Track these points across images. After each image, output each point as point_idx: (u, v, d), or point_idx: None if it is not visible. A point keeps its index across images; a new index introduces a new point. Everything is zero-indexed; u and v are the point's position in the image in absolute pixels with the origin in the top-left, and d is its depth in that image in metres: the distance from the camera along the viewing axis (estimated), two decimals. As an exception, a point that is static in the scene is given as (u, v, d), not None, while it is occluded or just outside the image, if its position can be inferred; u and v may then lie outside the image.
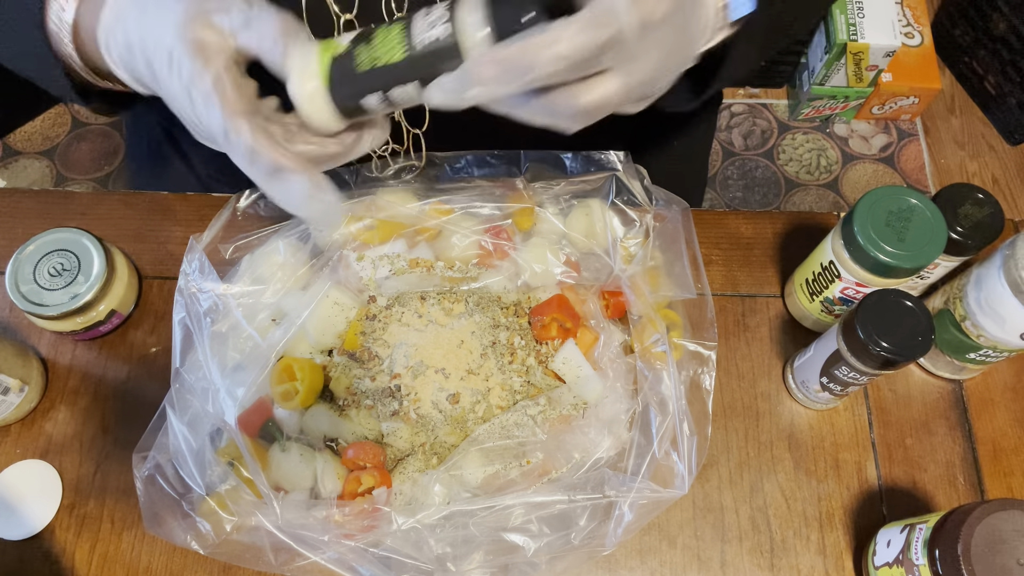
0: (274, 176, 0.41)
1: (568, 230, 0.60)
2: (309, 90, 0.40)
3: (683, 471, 0.50)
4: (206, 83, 0.39)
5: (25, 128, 1.67)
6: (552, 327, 0.57)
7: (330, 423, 0.55)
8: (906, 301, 0.51)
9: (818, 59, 1.62)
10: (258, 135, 0.40)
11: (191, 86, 0.40)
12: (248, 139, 0.40)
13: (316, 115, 0.41)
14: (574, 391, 0.56)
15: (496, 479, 0.53)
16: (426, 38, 0.38)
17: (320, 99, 0.40)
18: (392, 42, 0.38)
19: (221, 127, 0.40)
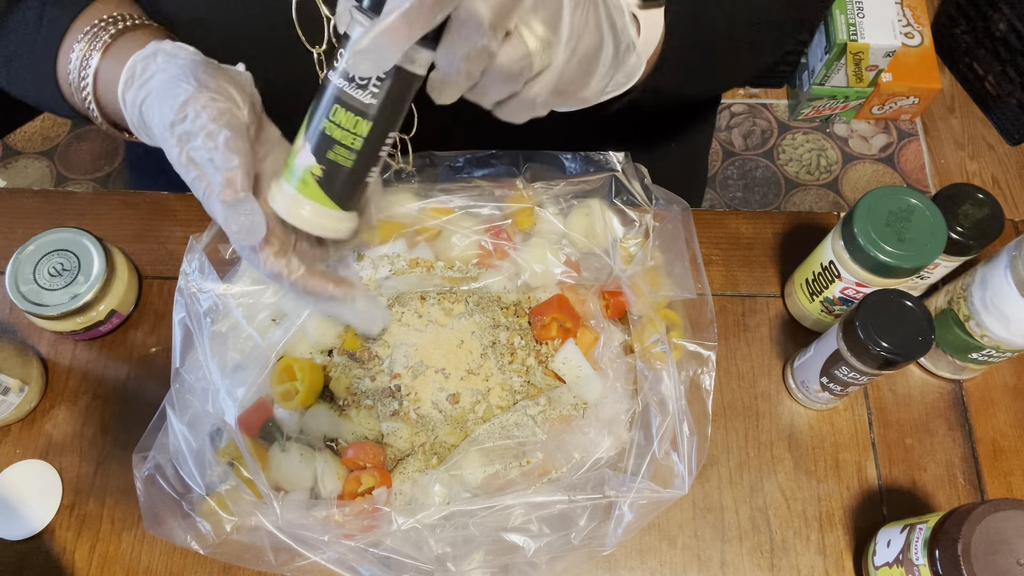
0: (323, 303, 0.47)
1: (568, 230, 0.60)
2: (320, 221, 0.42)
3: (683, 471, 0.50)
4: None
5: (25, 128, 1.67)
6: (552, 327, 0.57)
7: (330, 423, 0.55)
8: (906, 301, 0.51)
9: (818, 59, 1.62)
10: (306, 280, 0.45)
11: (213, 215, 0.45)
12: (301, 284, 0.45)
13: (341, 232, 0.44)
14: (574, 391, 0.56)
15: (496, 479, 0.53)
16: (363, 93, 0.39)
17: (333, 220, 0.43)
18: (349, 122, 0.40)
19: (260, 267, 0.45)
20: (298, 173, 0.41)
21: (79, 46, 0.49)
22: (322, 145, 0.40)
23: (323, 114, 0.40)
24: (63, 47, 0.50)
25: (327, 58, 0.54)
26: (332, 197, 0.42)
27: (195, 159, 0.42)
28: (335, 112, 0.39)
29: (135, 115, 0.45)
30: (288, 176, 0.42)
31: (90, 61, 0.49)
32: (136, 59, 0.46)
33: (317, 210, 0.42)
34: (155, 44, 0.46)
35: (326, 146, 0.40)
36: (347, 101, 0.39)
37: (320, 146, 0.40)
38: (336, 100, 0.39)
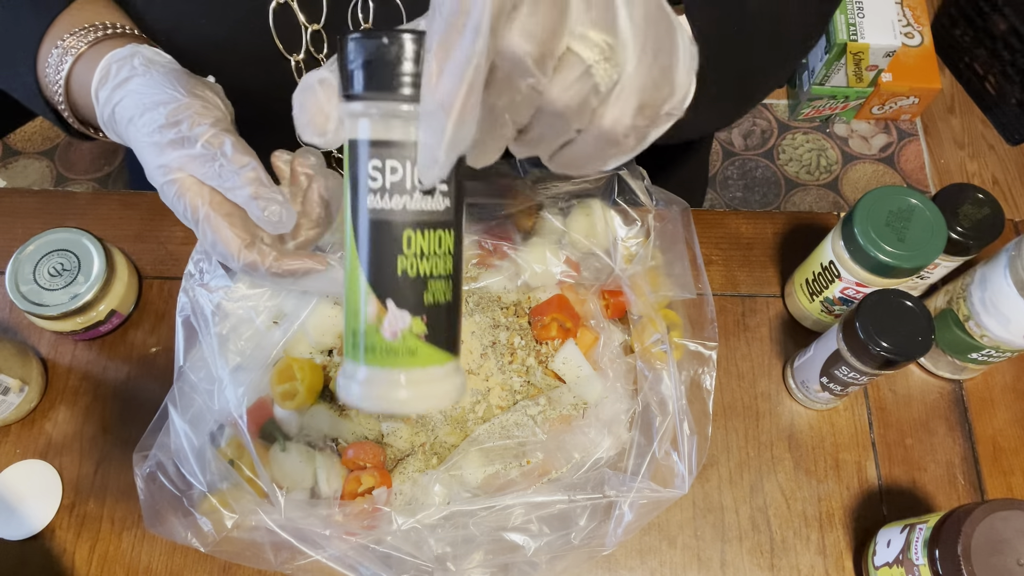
0: (302, 277, 0.46)
1: (568, 230, 0.60)
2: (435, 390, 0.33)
3: (683, 471, 0.50)
4: (202, 225, 0.43)
5: (25, 128, 1.67)
6: (552, 327, 0.57)
7: (330, 423, 0.55)
8: (906, 301, 0.51)
9: (818, 59, 1.62)
10: (280, 263, 0.44)
11: (186, 220, 0.44)
12: (276, 268, 0.44)
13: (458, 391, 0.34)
14: (574, 391, 0.56)
15: (496, 479, 0.53)
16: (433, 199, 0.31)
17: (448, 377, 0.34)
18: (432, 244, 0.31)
19: (234, 261, 0.44)
20: (394, 346, 0.32)
21: (62, 43, 0.48)
22: (413, 292, 0.31)
23: (393, 252, 0.31)
24: (44, 45, 0.49)
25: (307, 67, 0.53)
26: (444, 347, 0.33)
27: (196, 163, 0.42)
28: (410, 242, 0.31)
29: (107, 112, 0.45)
30: (372, 356, 0.32)
31: (66, 60, 0.48)
32: (111, 58, 0.45)
33: (427, 377, 0.33)
34: (133, 47, 0.46)
35: (419, 290, 0.31)
36: (422, 221, 0.31)
37: (411, 294, 0.31)
38: (406, 227, 0.31)
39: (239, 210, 0.43)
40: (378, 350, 0.32)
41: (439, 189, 0.31)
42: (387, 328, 0.32)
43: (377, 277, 0.31)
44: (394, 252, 0.31)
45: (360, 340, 0.32)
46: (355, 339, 0.33)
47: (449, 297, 0.32)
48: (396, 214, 0.31)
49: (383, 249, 0.31)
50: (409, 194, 0.31)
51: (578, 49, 0.29)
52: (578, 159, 0.33)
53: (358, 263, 0.32)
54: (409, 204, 0.31)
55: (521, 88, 0.29)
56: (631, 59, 0.30)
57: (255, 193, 0.42)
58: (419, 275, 0.31)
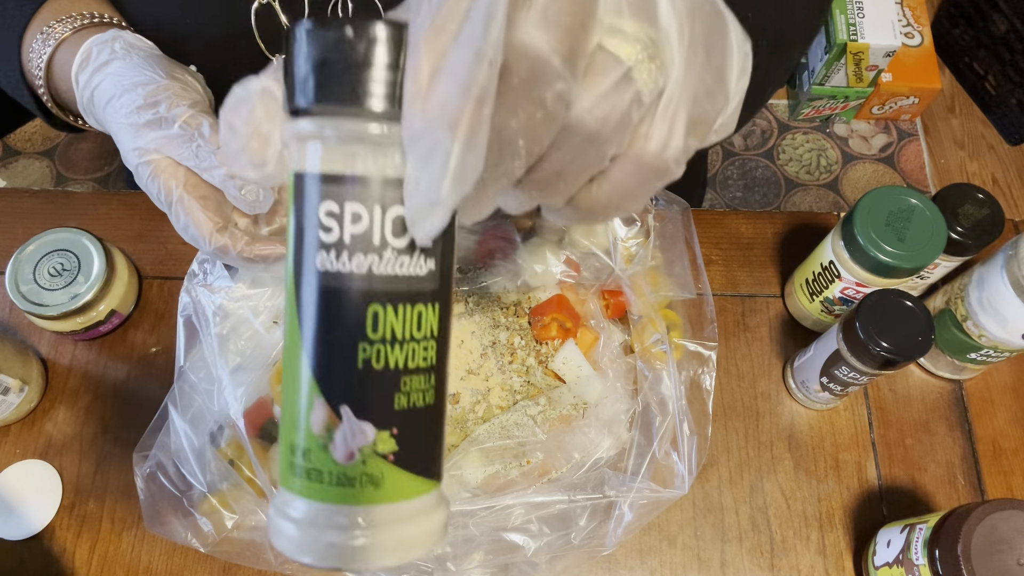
0: (274, 263, 0.44)
1: (568, 230, 0.60)
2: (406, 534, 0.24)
3: (683, 471, 0.50)
4: (175, 207, 0.42)
5: (25, 128, 1.67)
6: (552, 327, 0.57)
7: (330, 423, 0.55)
8: (906, 301, 0.51)
9: (818, 59, 1.62)
10: (253, 248, 0.43)
11: (159, 202, 0.43)
12: (248, 252, 0.43)
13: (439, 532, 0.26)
14: (574, 391, 0.56)
15: (496, 479, 0.53)
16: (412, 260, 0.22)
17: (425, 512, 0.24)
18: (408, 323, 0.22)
19: (205, 244, 0.43)
20: (348, 469, 0.22)
21: (47, 29, 0.48)
22: (380, 393, 0.22)
23: (351, 335, 0.22)
24: (27, 35, 0.49)
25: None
26: (422, 472, 0.23)
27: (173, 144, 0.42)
28: (378, 321, 0.22)
29: (86, 96, 0.45)
30: (317, 486, 0.22)
31: (49, 45, 0.48)
32: (93, 42, 0.45)
33: (396, 515, 0.23)
34: (115, 31, 0.46)
35: (388, 390, 0.22)
36: (396, 292, 0.22)
37: (377, 397, 0.22)
38: (372, 300, 0.22)
39: (214, 193, 0.43)
40: (326, 478, 0.22)
41: (420, 246, 0.22)
42: (340, 446, 0.22)
43: (327, 371, 0.22)
44: (354, 336, 0.22)
45: (299, 460, 0.23)
46: (292, 458, 0.23)
47: (430, 400, 0.23)
48: (358, 280, 0.21)
49: (337, 331, 0.22)
50: (377, 252, 0.22)
51: (612, 46, 0.22)
52: (611, 199, 0.25)
53: (300, 348, 0.22)
54: (377, 267, 0.22)
55: (545, 100, 0.21)
56: (678, 59, 0.23)
57: (231, 172, 0.42)
58: (389, 369, 0.22)
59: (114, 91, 0.43)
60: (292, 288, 0.23)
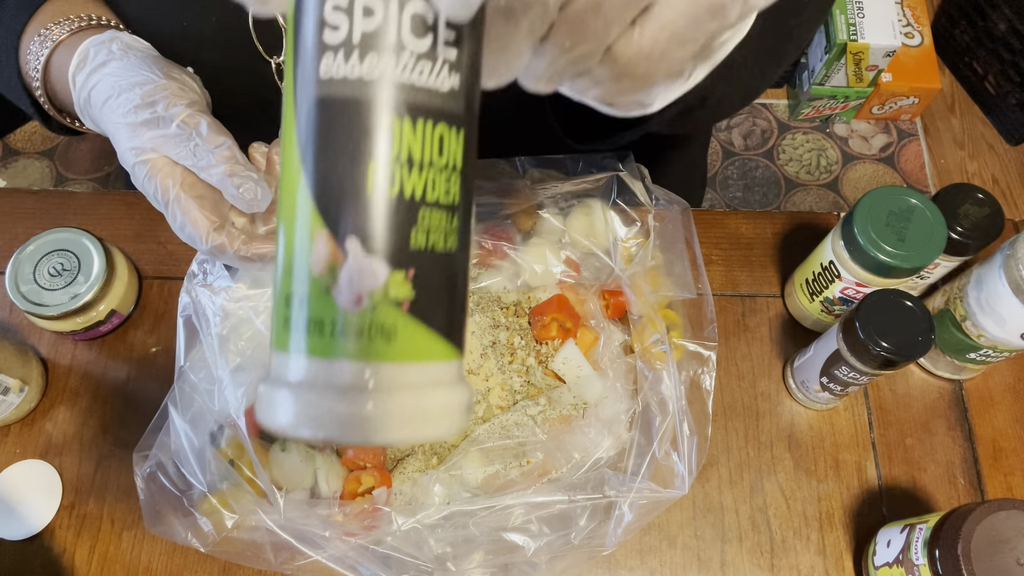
0: (271, 262, 0.44)
1: (568, 230, 0.60)
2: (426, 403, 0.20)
3: (683, 471, 0.50)
4: (171, 206, 0.42)
5: (25, 128, 1.67)
6: (552, 327, 0.57)
7: (330, 423, 0.55)
8: (906, 301, 0.51)
9: (818, 59, 1.62)
10: (249, 246, 0.43)
11: (156, 201, 0.43)
12: (244, 251, 0.43)
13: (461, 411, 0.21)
14: (574, 391, 0.56)
15: (496, 479, 0.53)
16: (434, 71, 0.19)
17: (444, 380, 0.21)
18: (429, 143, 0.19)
19: (202, 243, 0.43)
20: (354, 317, 0.19)
21: (45, 31, 0.48)
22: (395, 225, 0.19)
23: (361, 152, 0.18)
24: (24, 38, 0.49)
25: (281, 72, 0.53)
26: (442, 330, 0.20)
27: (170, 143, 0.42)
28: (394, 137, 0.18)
29: (83, 96, 0.45)
30: (317, 339, 0.19)
31: (46, 47, 0.48)
32: (91, 43, 0.46)
33: (413, 378, 0.19)
34: (113, 32, 0.46)
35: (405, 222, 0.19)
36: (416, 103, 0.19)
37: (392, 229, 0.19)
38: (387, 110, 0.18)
39: (210, 192, 0.43)
40: (327, 329, 0.19)
41: (444, 57, 0.18)
42: (345, 289, 0.18)
43: (331, 197, 0.18)
44: (363, 153, 0.18)
45: (295, 312, 0.19)
46: (287, 311, 0.19)
47: (452, 245, 0.19)
48: (370, 87, 0.18)
49: (344, 148, 0.18)
50: (393, 54, 0.18)
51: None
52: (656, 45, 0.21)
53: (299, 175, 0.19)
54: (393, 71, 0.18)
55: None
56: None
57: (230, 171, 0.42)
58: (404, 197, 0.18)
59: (111, 91, 0.43)
60: (290, 103, 0.19)
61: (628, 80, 0.22)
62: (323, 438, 0.19)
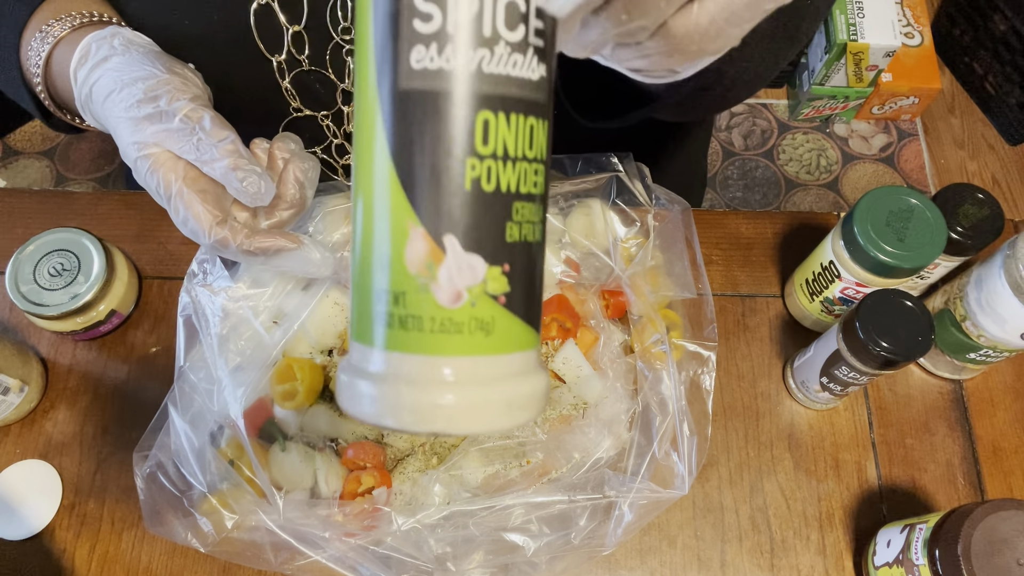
0: (273, 256, 0.44)
1: (568, 230, 0.60)
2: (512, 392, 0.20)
3: (683, 471, 0.50)
4: (174, 200, 0.42)
5: (25, 128, 1.67)
6: (552, 327, 0.57)
7: (330, 423, 0.55)
8: (906, 301, 0.51)
9: (818, 59, 1.62)
10: (252, 240, 0.43)
11: (158, 196, 0.43)
12: (247, 245, 0.43)
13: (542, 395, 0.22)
14: (574, 391, 0.56)
15: (496, 479, 0.53)
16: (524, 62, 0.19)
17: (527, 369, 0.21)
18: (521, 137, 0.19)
19: (204, 238, 0.43)
20: (454, 313, 0.19)
21: (46, 27, 0.48)
22: (492, 221, 0.19)
23: (457, 149, 0.18)
24: (25, 34, 0.49)
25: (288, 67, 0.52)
26: (529, 320, 0.20)
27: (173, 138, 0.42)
28: (489, 132, 0.18)
29: (84, 92, 0.45)
30: (412, 335, 0.19)
31: (47, 43, 0.48)
32: (92, 38, 0.45)
33: (503, 370, 0.20)
34: (114, 28, 0.46)
35: (500, 218, 0.19)
36: (509, 96, 0.18)
37: (488, 225, 0.18)
38: (481, 105, 0.18)
39: (213, 187, 0.43)
40: (427, 324, 0.18)
41: (535, 46, 0.18)
42: (445, 286, 0.18)
43: (427, 195, 0.18)
44: (461, 150, 0.18)
45: (386, 308, 0.19)
46: (377, 306, 0.19)
47: (539, 236, 0.20)
48: (466, 80, 0.18)
49: (440, 144, 0.18)
50: (488, 46, 0.18)
51: None
52: (712, 23, 0.21)
53: (386, 171, 0.18)
54: (488, 64, 0.18)
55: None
56: None
57: (234, 164, 0.42)
58: (500, 192, 0.18)
59: (113, 86, 0.43)
60: (373, 99, 0.18)
61: (679, 55, 0.22)
62: (420, 431, 0.19)
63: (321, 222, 0.56)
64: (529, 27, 0.18)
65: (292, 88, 0.56)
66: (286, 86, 0.56)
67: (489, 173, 0.18)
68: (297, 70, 0.55)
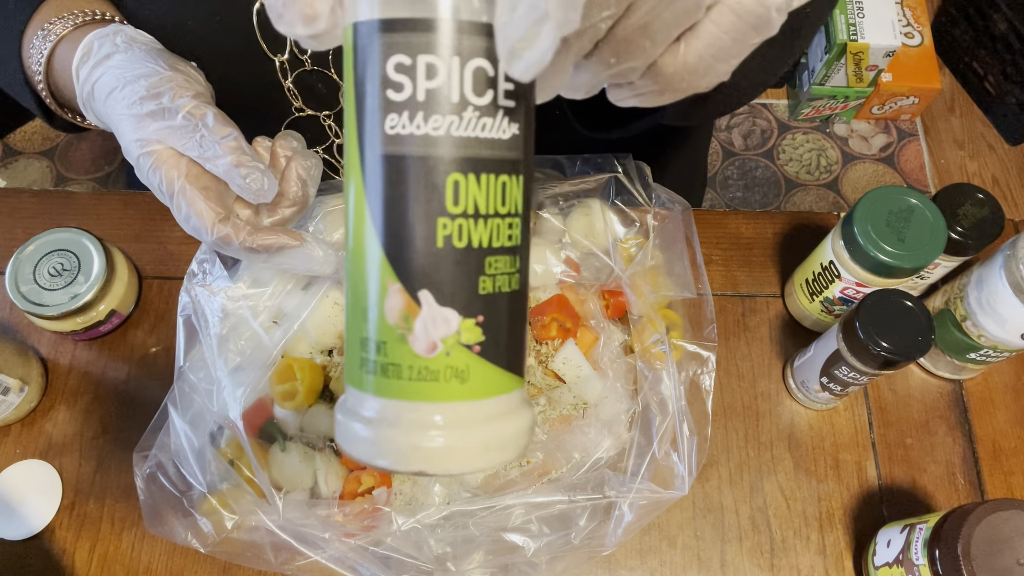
0: (276, 253, 0.44)
1: (568, 230, 0.60)
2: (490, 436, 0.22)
3: (683, 472, 0.50)
4: (176, 198, 0.42)
5: (25, 128, 1.67)
6: (552, 327, 0.57)
7: (330, 423, 0.55)
8: (906, 301, 0.51)
9: (818, 59, 1.62)
10: (255, 237, 0.43)
11: (160, 193, 0.43)
12: (250, 242, 0.43)
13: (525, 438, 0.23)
14: (574, 391, 0.56)
15: (496, 479, 0.53)
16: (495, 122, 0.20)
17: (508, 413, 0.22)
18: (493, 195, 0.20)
19: (207, 235, 0.43)
20: (430, 363, 0.20)
21: (49, 25, 0.48)
22: (464, 276, 0.20)
23: (430, 209, 0.19)
24: (27, 33, 0.49)
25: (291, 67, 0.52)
26: (507, 366, 0.21)
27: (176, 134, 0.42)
28: (459, 192, 0.19)
29: (86, 90, 0.45)
30: (393, 383, 0.20)
31: (49, 41, 0.48)
32: (94, 36, 0.45)
33: (482, 414, 0.21)
34: (116, 26, 0.46)
35: (473, 273, 0.20)
36: (479, 158, 0.19)
37: (461, 280, 0.20)
38: (452, 168, 0.19)
39: (215, 184, 0.43)
40: (405, 373, 0.20)
41: (504, 107, 0.19)
42: (420, 337, 0.20)
43: (402, 252, 0.19)
44: (432, 210, 0.19)
45: (371, 355, 0.20)
46: (363, 353, 0.20)
47: (516, 285, 0.21)
48: (436, 145, 0.19)
49: (413, 205, 0.19)
50: (456, 112, 0.19)
51: None
52: (700, 60, 0.22)
53: (368, 229, 0.20)
54: (457, 128, 0.19)
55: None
56: None
57: (237, 161, 0.42)
58: (472, 248, 0.19)
59: (116, 83, 0.43)
60: (356, 161, 0.20)
61: (670, 93, 0.23)
62: (401, 471, 0.21)
63: (321, 222, 0.56)
64: (499, 90, 0.19)
65: (294, 88, 0.56)
66: (288, 86, 0.56)
67: (460, 231, 0.19)
68: (299, 70, 0.55)
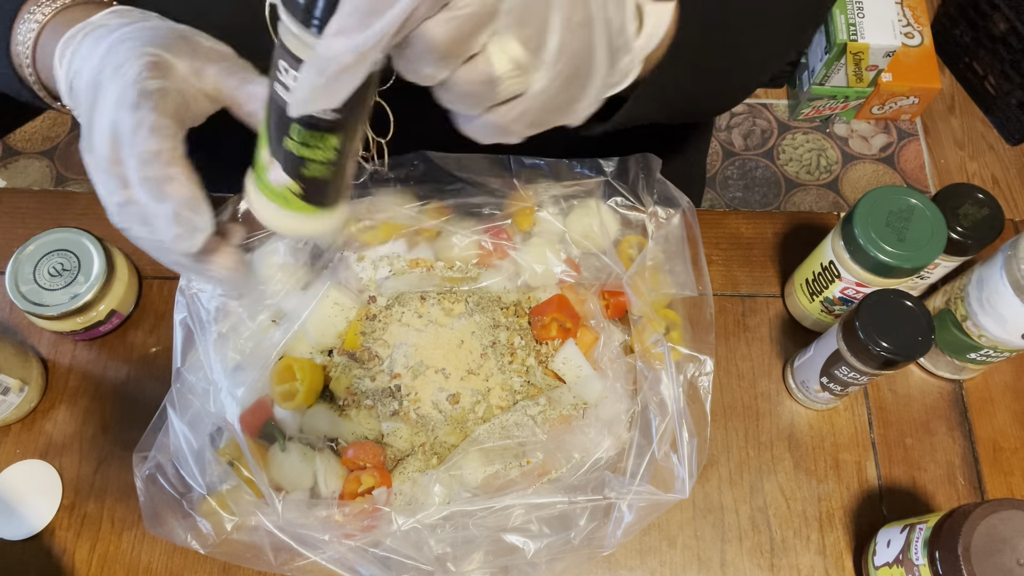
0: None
1: (568, 230, 0.60)
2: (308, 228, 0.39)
3: (683, 474, 0.50)
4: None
5: (25, 128, 1.67)
6: (552, 327, 0.57)
7: (330, 423, 0.55)
8: (906, 301, 0.51)
9: (818, 59, 1.62)
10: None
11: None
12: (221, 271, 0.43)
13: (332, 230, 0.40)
14: (574, 391, 0.56)
15: (496, 479, 0.53)
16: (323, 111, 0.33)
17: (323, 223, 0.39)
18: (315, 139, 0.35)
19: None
20: (275, 189, 0.37)
21: (30, 15, 0.46)
22: (294, 164, 0.36)
23: (282, 132, 0.35)
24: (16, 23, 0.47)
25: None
26: (317, 204, 0.38)
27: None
28: (297, 131, 0.34)
29: (64, 87, 0.44)
30: (264, 188, 0.37)
31: (30, 35, 0.46)
32: (76, 31, 0.44)
33: (303, 220, 0.38)
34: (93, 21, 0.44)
35: (298, 164, 0.36)
36: (307, 121, 0.34)
37: (292, 166, 0.36)
38: (292, 120, 0.34)
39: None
40: (268, 188, 0.37)
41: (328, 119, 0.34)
42: (272, 177, 0.37)
43: (271, 138, 0.36)
44: (283, 132, 0.34)
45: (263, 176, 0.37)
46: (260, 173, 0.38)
47: (328, 176, 0.36)
48: (288, 107, 0.33)
49: (278, 124, 0.35)
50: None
51: (493, 54, 0.30)
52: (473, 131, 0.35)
53: (267, 122, 0.36)
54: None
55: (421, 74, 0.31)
56: (541, 81, 0.32)
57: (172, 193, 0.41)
58: (300, 156, 0.35)
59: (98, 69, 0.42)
60: (268, 99, 0.35)
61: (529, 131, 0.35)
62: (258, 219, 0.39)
63: None
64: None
65: None
66: None
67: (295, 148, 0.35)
68: None
